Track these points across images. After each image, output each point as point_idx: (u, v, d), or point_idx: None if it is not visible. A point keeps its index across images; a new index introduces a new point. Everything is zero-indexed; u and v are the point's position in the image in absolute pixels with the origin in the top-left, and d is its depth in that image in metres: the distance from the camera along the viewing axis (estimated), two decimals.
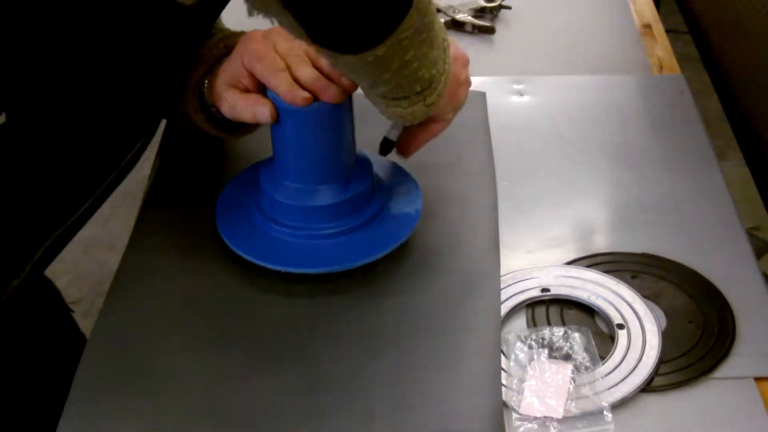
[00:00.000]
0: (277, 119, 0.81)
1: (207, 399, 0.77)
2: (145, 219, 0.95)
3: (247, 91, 0.83)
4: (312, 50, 0.82)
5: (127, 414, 0.76)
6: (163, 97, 0.87)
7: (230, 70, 0.84)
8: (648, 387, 0.78)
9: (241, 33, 0.88)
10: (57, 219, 0.83)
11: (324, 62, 0.81)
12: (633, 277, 0.88)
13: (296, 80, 0.80)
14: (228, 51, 0.86)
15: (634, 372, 0.78)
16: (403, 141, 0.90)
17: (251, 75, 0.82)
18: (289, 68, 0.81)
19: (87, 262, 2.07)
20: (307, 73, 0.80)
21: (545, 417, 0.75)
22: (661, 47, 1.22)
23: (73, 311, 1.09)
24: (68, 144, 0.78)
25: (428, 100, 0.79)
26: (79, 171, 0.82)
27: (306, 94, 0.79)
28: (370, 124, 0.93)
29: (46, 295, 1.04)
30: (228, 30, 0.92)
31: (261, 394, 0.77)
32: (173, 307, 0.85)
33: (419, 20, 0.71)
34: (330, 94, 0.79)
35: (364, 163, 0.88)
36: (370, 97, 0.80)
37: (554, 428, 0.75)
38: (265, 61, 0.81)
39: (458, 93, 0.88)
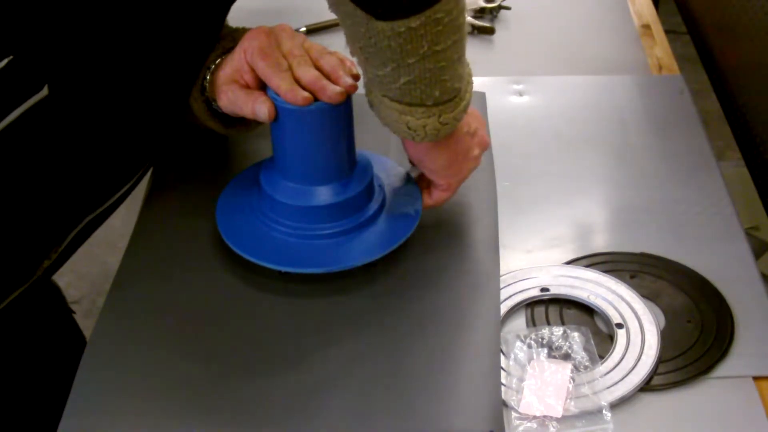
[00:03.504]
0: (276, 118, 0.81)
1: (207, 399, 0.77)
2: (145, 219, 0.95)
3: (246, 86, 0.83)
4: (314, 49, 0.83)
5: (127, 414, 0.76)
6: (187, 81, 0.88)
7: (232, 64, 0.84)
8: (647, 386, 0.78)
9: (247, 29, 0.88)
10: (93, 201, 0.84)
11: (324, 63, 0.81)
12: (632, 276, 0.88)
13: (297, 80, 0.81)
14: (235, 44, 0.87)
15: (633, 371, 0.79)
16: None
17: (252, 71, 0.82)
18: (290, 67, 0.81)
19: (87, 262, 2.07)
20: (308, 73, 0.80)
21: (544, 416, 0.75)
22: (661, 48, 1.23)
23: (74, 312, 1.09)
24: (108, 123, 0.80)
25: (443, 117, 0.78)
26: (118, 153, 0.83)
27: (306, 95, 0.79)
28: (370, 124, 0.94)
29: (48, 296, 1.04)
30: (234, 27, 0.92)
31: (261, 394, 0.77)
32: (173, 307, 0.85)
33: (456, 14, 0.72)
34: (330, 94, 0.79)
35: (364, 163, 0.88)
36: (384, 104, 0.80)
37: (553, 427, 0.75)
38: (268, 60, 0.81)
39: (463, 163, 0.87)
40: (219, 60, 0.87)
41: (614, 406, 0.77)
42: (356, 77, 0.82)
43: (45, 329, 1.01)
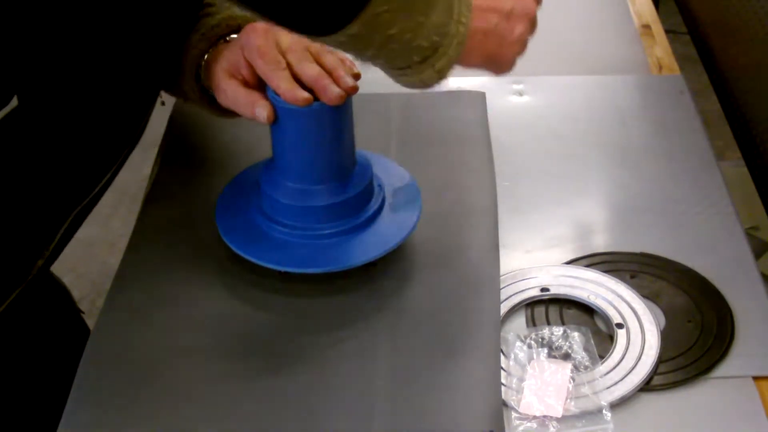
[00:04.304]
0: (276, 118, 0.81)
1: (207, 398, 0.77)
2: (145, 219, 0.95)
3: (245, 82, 0.83)
4: (314, 46, 0.82)
5: (127, 413, 0.76)
6: (158, 75, 0.87)
7: (230, 58, 0.83)
8: (647, 386, 0.78)
9: (243, 15, 0.88)
10: (76, 197, 0.83)
11: (325, 60, 0.81)
12: (632, 276, 0.88)
13: (298, 77, 0.80)
14: (230, 30, 0.86)
15: (633, 371, 0.79)
16: None
17: (251, 66, 0.82)
18: (290, 65, 0.81)
19: (87, 262, 2.07)
20: (310, 69, 0.80)
21: (544, 416, 0.75)
22: (661, 47, 1.23)
23: (83, 312, 1.09)
24: (81, 124, 0.80)
25: (438, 66, 0.74)
26: (94, 149, 0.83)
27: (306, 95, 0.79)
28: (370, 124, 0.94)
29: (56, 297, 1.04)
30: (229, 9, 0.89)
31: (261, 394, 0.77)
32: (173, 307, 0.85)
33: None
34: (330, 95, 0.79)
35: (364, 163, 0.88)
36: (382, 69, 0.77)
37: (553, 427, 0.75)
38: (266, 57, 0.80)
39: (501, 56, 0.82)
40: (212, 48, 0.86)
41: (614, 406, 0.77)
42: (357, 77, 0.82)
43: (54, 330, 1.01)
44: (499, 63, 0.82)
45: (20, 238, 0.80)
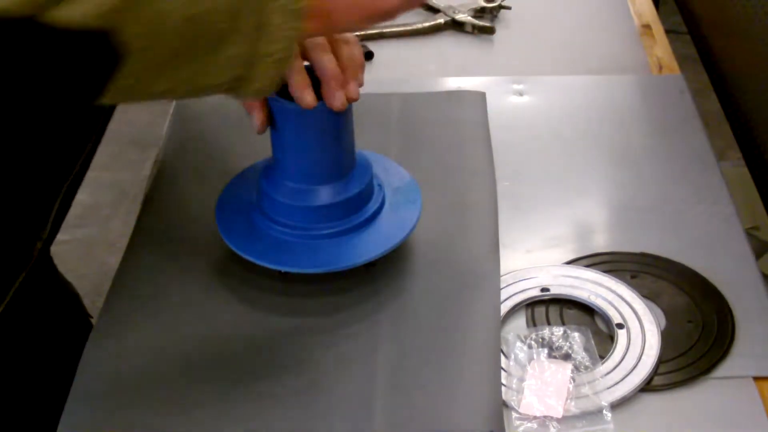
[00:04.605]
0: (276, 118, 0.81)
1: (206, 398, 0.77)
2: (145, 219, 0.95)
3: None
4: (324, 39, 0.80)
5: (126, 413, 0.76)
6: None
7: None
8: (647, 386, 0.78)
9: None
10: (65, 168, 0.83)
11: (343, 53, 0.79)
12: (632, 276, 0.88)
13: (311, 65, 0.78)
14: None
15: (634, 371, 0.79)
16: None
17: None
18: (305, 49, 0.78)
19: (87, 262, 2.07)
20: (326, 63, 0.77)
21: (545, 416, 0.75)
22: (661, 47, 1.23)
23: (92, 317, 1.09)
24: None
25: (253, 87, 0.66)
26: (70, 132, 0.82)
27: (311, 101, 0.78)
28: (370, 124, 0.94)
29: (62, 298, 1.04)
30: None
31: (260, 394, 0.77)
32: (173, 307, 0.85)
33: (166, 49, 0.59)
34: (335, 103, 0.78)
35: (363, 163, 0.88)
36: None
37: (554, 427, 0.75)
38: None
39: (374, 5, 0.73)
40: None
41: (615, 406, 0.77)
42: (360, 84, 0.81)
43: (58, 331, 1.01)
44: (387, 12, 0.74)
45: (17, 219, 0.80)
